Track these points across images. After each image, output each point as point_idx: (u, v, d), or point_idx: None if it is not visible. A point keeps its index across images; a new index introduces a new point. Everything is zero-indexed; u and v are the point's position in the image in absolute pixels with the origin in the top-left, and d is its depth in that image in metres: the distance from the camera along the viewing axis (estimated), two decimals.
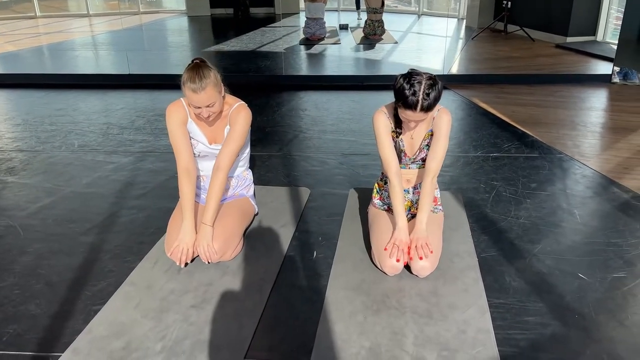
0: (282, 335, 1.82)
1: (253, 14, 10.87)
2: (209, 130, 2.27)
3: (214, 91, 2.06)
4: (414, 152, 2.20)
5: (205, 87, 2.02)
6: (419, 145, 2.18)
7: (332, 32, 8.47)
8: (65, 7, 12.12)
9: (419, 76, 1.93)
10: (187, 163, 2.21)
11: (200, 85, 2.02)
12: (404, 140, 2.18)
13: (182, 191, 2.20)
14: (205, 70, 2.06)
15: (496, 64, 6.30)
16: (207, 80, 2.03)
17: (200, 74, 2.03)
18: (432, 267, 2.06)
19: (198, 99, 2.04)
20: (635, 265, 2.19)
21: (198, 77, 2.02)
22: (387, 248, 2.07)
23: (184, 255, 2.13)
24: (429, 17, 10.34)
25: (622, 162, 3.30)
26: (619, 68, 5.41)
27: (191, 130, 2.26)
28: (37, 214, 2.69)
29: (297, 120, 4.31)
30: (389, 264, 2.05)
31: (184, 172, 2.21)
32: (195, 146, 2.28)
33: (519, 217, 2.60)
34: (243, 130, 2.22)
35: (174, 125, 2.20)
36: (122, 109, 4.62)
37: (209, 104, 2.07)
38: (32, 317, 1.90)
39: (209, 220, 2.17)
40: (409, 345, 1.74)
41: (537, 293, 2.02)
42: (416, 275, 2.07)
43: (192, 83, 2.02)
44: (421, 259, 2.03)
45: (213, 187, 2.19)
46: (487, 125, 4.06)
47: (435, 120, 2.12)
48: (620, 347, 1.74)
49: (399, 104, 1.98)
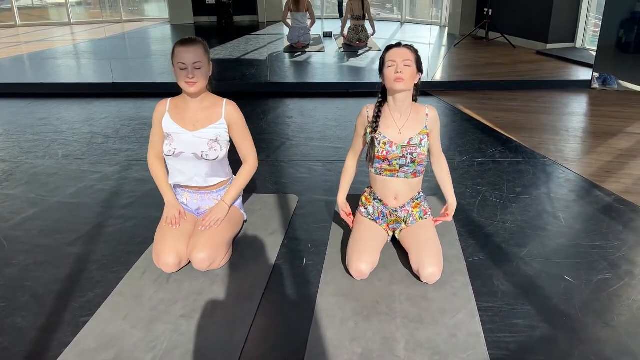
0: (274, 343, 1.81)
1: (237, 22, 10.86)
2: (191, 117, 2.27)
3: (203, 52, 2.19)
4: (402, 141, 2.16)
5: (195, 45, 2.17)
6: (409, 138, 2.16)
7: (316, 39, 8.51)
8: (46, 16, 11.99)
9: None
10: (159, 152, 2.35)
11: (190, 43, 2.17)
12: (383, 133, 2.17)
13: (156, 173, 2.36)
14: (197, 38, 2.23)
15: (479, 71, 6.39)
16: (198, 42, 2.20)
17: (191, 38, 2.21)
18: (440, 272, 2.09)
19: (187, 55, 2.15)
20: (619, 266, 2.23)
21: (189, 39, 2.20)
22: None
23: (173, 219, 2.26)
24: (411, 24, 10.45)
25: (604, 165, 3.36)
26: (598, 74, 5.52)
27: (166, 126, 2.28)
28: (22, 225, 2.65)
29: (283, 127, 4.32)
30: (355, 268, 2.08)
31: (154, 157, 2.37)
32: (172, 142, 2.26)
33: (505, 221, 2.64)
34: (245, 122, 2.37)
35: (155, 118, 2.32)
36: (106, 118, 4.58)
37: (196, 62, 2.16)
38: (19, 330, 1.87)
39: (229, 199, 2.35)
40: (400, 350, 1.75)
41: (525, 296, 2.05)
42: (426, 282, 2.09)
43: (183, 41, 2.18)
44: (447, 217, 2.30)
45: (242, 173, 2.39)
46: (472, 131, 4.11)
47: (430, 117, 2.19)
48: (607, 347, 1.77)
49: (384, 56, 2.14)
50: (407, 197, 2.26)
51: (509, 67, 6.54)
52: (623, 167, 3.32)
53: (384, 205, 2.27)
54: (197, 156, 2.25)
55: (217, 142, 2.26)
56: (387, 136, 2.17)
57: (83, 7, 12.21)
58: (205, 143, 2.24)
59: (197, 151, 2.24)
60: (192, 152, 2.25)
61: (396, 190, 2.24)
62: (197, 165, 2.28)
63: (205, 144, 2.24)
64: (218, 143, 2.26)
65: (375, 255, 2.14)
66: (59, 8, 11.74)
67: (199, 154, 2.24)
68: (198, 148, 2.24)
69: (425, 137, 2.18)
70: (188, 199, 2.39)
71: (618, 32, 5.76)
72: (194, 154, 2.25)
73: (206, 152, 2.24)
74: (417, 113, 2.19)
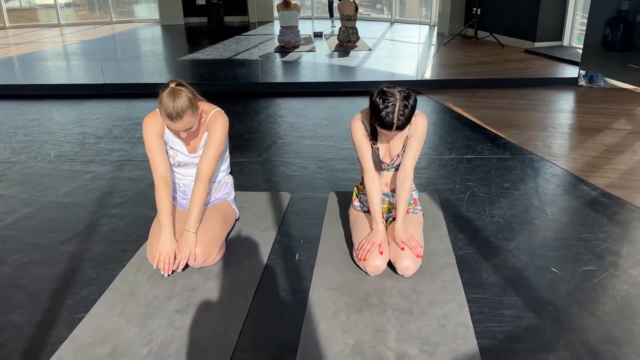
0: (267, 336, 1.85)
1: (227, 23, 10.86)
2: (187, 140, 2.30)
3: (191, 117, 2.07)
4: (391, 158, 2.24)
5: (182, 115, 2.02)
6: (397, 152, 2.23)
7: (306, 39, 8.54)
8: (35, 18, 11.91)
9: (392, 97, 1.95)
10: (164, 172, 2.21)
11: (177, 114, 2.01)
12: (379, 149, 2.23)
13: (160, 201, 2.20)
14: (182, 96, 2.03)
15: (468, 69, 6.46)
16: (184, 108, 2.02)
17: (176, 102, 2.01)
18: (416, 266, 2.12)
19: (175, 126, 2.06)
20: (604, 258, 2.29)
21: (174, 107, 2.00)
22: (360, 248, 2.13)
23: (167, 265, 2.14)
24: (401, 24, 10.51)
25: (590, 161, 3.43)
26: (585, 72, 5.61)
27: (169, 140, 2.27)
28: (15, 225, 2.66)
29: (275, 126, 4.35)
30: (372, 265, 2.10)
31: (161, 182, 2.20)
32: (175, 156, 2.30)
33: (493, 216, 2.69)
34: (221, 137, 2.24)
35: (151, 137, 2.20)
36: (98, 119, 4.59)
37: (186, 129, 2.10)
38: (15, 327, 1.89)
39: (192, 227, 2.19)
40: (391, 342, 1.79)
41: (513, 287, 2.10)
42: (401, 274, 2.13)
43: (168, 114, 2.02)
44: (418, 257, 2.10)
45: (195, 195, 2.21)
46: (461, 128, 4.16)
47: (413, 125, 2.15)
48: (592, 335, 1.82)
49: (376, 122, 2.03)
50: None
51: (497, 66, 6.61)
52: (608, 162, 3.38)
53: None
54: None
55: None
56: (380, 154, 2.23)
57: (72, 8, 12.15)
58: None
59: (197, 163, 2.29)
60: (195, 163, 2.30)
61: (386, 179, 2.32)
62: None
63: None
64: None
65: (386, 248, 2.17)
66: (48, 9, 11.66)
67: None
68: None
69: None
70: (185, 187, 2.41)
71: (604, 30, 5.86)
72: (195, 164, 2.31)
73: None
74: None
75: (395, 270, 2.14)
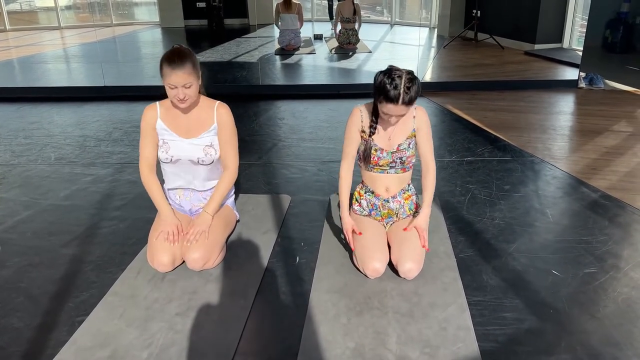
0: (268, 339, 1.85)
1: (227, 25, 10.87)
2: (184, 124, 2.27)
3: (191, 72, 2.09)
4: (392, 147, 2.22)
5: (183, 66, 2.06)
6: (398, 142, 2.21)
7: (306, 41, 8.55)
8: (35, 20, 11.93)
9: (398, 71, 1.99)
10: (148, 156, 2.29)
11: (178, 64, 2.05)
12: (375, 140, 2.21)
13: (149, 183, 2.29)
14: (185, 52, 2.10)
15: (467, 71, 6.46)
16: (186, 60, 2.07)
17: (179, 55, 2.08)
18: (418, 268, 2.12)
19: (176, 78, 2.06)
20: (605, 260, 2.29)
21: (177, 57, 2.07)
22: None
23: (171, 236, 2.19)
24: (401, 26, 10.52)
25: (590, 163, 3.43)
26: (585, 74, 5.61)
27: (160, 131, 2.27)
28: (15, 228, 2.66)
29: (275, 129, 4.35)
30: (371, 267, 2.10)
31: (149, 171, 2.30)
32: (168, 149, 2.28)
33: (494, 218, 2.69)
34: (234, 128, 2.32)
35: (145, 125, 2.27)
36: (98, 121, 4.59)
37: (185, 84, 2.09)
38: (15, 330, 1.89)
39: (211, 210, 2.28)
40: (392, 344, 1.79)
41: (514, 290, 2.09)
42: (403, 277, 2.13)
43: (170, 62, 2.06)
44: (424, 247, 2.16)
45: (222, 182, 2.32)
46: (461, 130, 4.16)
47: (417, 119, 2.20)
48: (593, 338, 1.82)
49: (380, 99, 2.02)
50: (397, 188, 2.30)
51: (497, 68, 6.61)
52: (609, 164, 3.38)
53: (376, 197, 2.31)
54: (193, 162, 2.28)
55: (212, 147, 2.29)
56: (378, 143, 2.22)
57: (73, 11, 12.16)
58: (201, 149, 2.27)
59: (193, 158, 2.27)
60: (189, 158, 2.28)
61: (387, 183, 2.30)
62: (195, 170, 2.31)
63: (200, 151, 2.27)
64: (213, 148, 2.29)
65: (386, 250, 2.18)
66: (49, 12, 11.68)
67: (195, 160, 2.27)
68: (194, 155, 2.27)
69: (412, 139, 2.22)
70: (181, 197, 2.40)
71: (604, 33, 5.86)
72: (190, 161, 2.28)
73: (202, 158, 2.27)
74: (406, 117, 2.22)
75: (397, 273, 2.14)
